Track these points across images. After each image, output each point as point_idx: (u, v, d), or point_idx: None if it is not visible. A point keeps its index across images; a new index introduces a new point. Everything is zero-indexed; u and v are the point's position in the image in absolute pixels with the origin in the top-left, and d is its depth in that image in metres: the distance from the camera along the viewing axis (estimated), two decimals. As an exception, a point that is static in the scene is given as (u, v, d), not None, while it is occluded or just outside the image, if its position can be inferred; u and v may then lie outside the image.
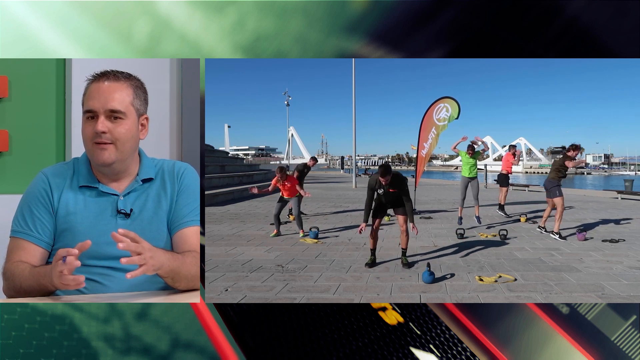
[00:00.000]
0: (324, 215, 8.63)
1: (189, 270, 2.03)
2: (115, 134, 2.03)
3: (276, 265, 4.62)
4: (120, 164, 2.10)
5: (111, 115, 2.03)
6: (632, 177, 21.10)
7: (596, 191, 18.47)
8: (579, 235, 6.12)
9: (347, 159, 50.33)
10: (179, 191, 2.19)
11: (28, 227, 2.06)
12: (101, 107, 2.02)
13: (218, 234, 6.49)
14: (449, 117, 9.01)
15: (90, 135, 2.03)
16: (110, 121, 2.03)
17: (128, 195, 2.13)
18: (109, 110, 2.02)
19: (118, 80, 2.07)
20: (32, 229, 2.05)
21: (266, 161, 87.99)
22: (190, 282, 2.05)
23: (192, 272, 2.04)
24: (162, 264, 1.93)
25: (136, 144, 2.14)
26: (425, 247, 5.57)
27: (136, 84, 2.13)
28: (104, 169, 2.10)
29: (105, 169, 2.09)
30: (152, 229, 2.13)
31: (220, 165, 15.86)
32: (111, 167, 2.09)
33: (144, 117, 2.16)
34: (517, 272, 4.36)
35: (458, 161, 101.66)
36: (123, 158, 2.09)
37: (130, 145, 2.09)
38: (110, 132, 2.03)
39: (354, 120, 18.51)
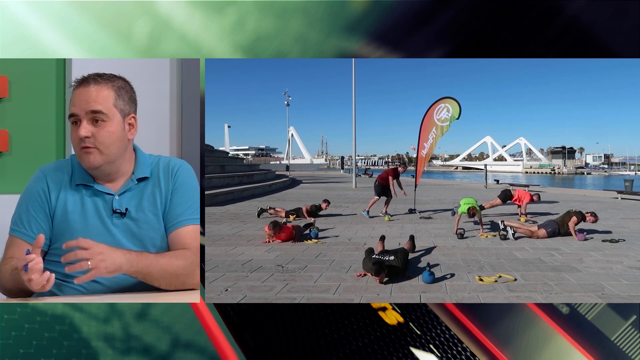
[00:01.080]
0: (324, 215, 8.63)
1: (164, 269, 2.00)
2: (98, 137, 2.01)
3: (276, 265, 4.62)
4: (109, 165, 2.08)
5: (93, 117, 2.01)
6: (632, 177, 21.09)
7: (596, 191, 18.47)
8: (579, 235, 6.12)
9: (347, 159, 50.32)
10: (173, 189, 2.16)
11: (23, 226, 2.06)
12: (82, 111, 2.00)
13: (218, 234, 6.48)
14: (450, 117, 9.02)
15: (76, 140, 2.02)
16: (93, 124, 2.01)
17: (123, 195, 2.12)
18: (90, 112, 2.00)
19: (98, 84, 2.04)
20: (26, 227, 2.05)
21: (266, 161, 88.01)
22: (173, 280, 2.02)
23: (169, 270, 2.00)
24: (120, 265, 1.91)
25: (124, 144, 2.11)
26: (426, 247, 5.57)
27: (119, 85, 2.09)
28: (94, 172, 2.09)
29: (95, 171, 2.08)
30: (148, 228, 2.12)
31: (220, 165, 15.86)
32: (100, 170, 2.08)
33: (131, 116, 2.12)
34: (517, 272, 4.36)
35: (458, 161, 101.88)
36: (110, 160, 2.07)
37: (116, 147, 2.07)
38: (94, 135, 2.01)
39: (354, 120, 18.52)
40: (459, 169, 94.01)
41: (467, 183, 25.47)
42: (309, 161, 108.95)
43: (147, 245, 2.11)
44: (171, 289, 2.05)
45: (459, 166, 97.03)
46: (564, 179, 58.65)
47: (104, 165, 2.06)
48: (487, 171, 22.17)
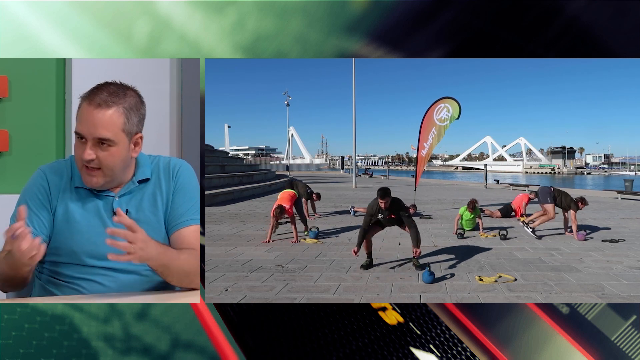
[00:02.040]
0: (324, 215, 8.63)
1: (181, 266, 2.00)
2: (102, 160, 1.99)
3: (276, 265, 4.62)
4: (110, 183, 2.08)
5: (99, 141, 1.97)
6: (632, 177, 21.10)
7: (596, 191, 18.48)
8: (579, 235, 6.12)
9: (347, 159, 50.31)
10: (174, 190, 2.16)
11: (25, 223, 2.05)
12: (89, 134, 1.97)
13: (218, 234, 6.48)
14: (450, 117, 9.03)
15: (80, 157, 2.01)
16: (99, 147, 1.98)
17: (123, 196, 2.12)
18: (96, 138, 1.97)
19: (109, 107, 1.97)
20: (27, 222, 2.04)
21: (266, 161, 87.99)
22: (184, 278, 2.03)
23: (185, 268, 2.01)
24: (151, 257, 1.91)
25: (127, 162, 2.09)
26: (426, 247, 5.57)
27: (130, 105, 2.03)
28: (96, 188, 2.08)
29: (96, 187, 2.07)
30: (149, 228, 2.12)
31: (220, 165, 15.86)
32: (102, 186, 2.07)
33: (138, 136, 2.08)
34: (517, 272, 4.36)
35: (458, 161, 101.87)
36: (112, 179, 2.06)
37: (119, 167, 2.05)
38: (98, 158, 1.99)
39: (354, 120, 18.53)
40: (459, 169, 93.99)
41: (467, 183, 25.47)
42: (309, 161, 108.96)
43: None
44: (178, 285, 2.06)
45: (459, 166, 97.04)
46: (564, 179, 58.67)
47: (105, 184, 2.06)
48: (487, 171, 22.19)
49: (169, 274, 2.00)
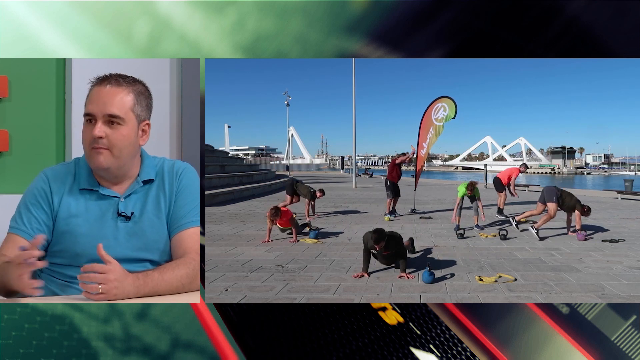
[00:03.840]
0: (324, 215, 8.63)
1: (169, 285, 1.99)
2: (112, 139, 2.01)
3: (276, 265, 4.62)
4: (118, 169, 2.08)
5: (109, 120, 2.00)
6: (632, 177, 21.08)
7: (596, 191, 18.47)
8: (579, 235, 6.12)
9: (347, 159, 50.30)
10: (177, 191, 2.17)
11: (22, 223, 2.04)
12: (99, 112, 2.00)
13: (218, 234, 6.48)
14: (446, 116, 9.03)
15: (89, 139, 2.01)
16: (108, 126, 2.01)
17: (129, 198, 2.12)
18: (107, 115, 2.00)
19: (119, 85, 2.04)
20: (25, 225, 2.04)
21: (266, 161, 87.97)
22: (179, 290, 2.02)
23: (173, 284, 1.99)
24: (128, 293, 1.89)
25: (135, 149, 2.11)
26: (426, 247, 5.57)
27: (139, 90, 2.09)
28: (102, 172, 2.08)
29: (103, 172, 2.08)
30: (152, 231, 2.12)
31: (220, 165, 15.86)
32: (108, 171, 2.07)
33: (145, 122, 2.12)
34: (517, 272, 4.36)
35: (458, 161, 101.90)
36: (120, 164, 2.07)
37: (128, 151, 2.06)
38: (108, 137, 2.00)
39: (354, 120, 18.51)
40: (459, 169, 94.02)
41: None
42: (309, 161, 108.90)
43: (151, 249, 2.11)
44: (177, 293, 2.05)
45: (459, 166, 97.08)
46: (564, 179, 58.67)
47: (112, 168, 2.06)
48: (487, 171, 22.18)
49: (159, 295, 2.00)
